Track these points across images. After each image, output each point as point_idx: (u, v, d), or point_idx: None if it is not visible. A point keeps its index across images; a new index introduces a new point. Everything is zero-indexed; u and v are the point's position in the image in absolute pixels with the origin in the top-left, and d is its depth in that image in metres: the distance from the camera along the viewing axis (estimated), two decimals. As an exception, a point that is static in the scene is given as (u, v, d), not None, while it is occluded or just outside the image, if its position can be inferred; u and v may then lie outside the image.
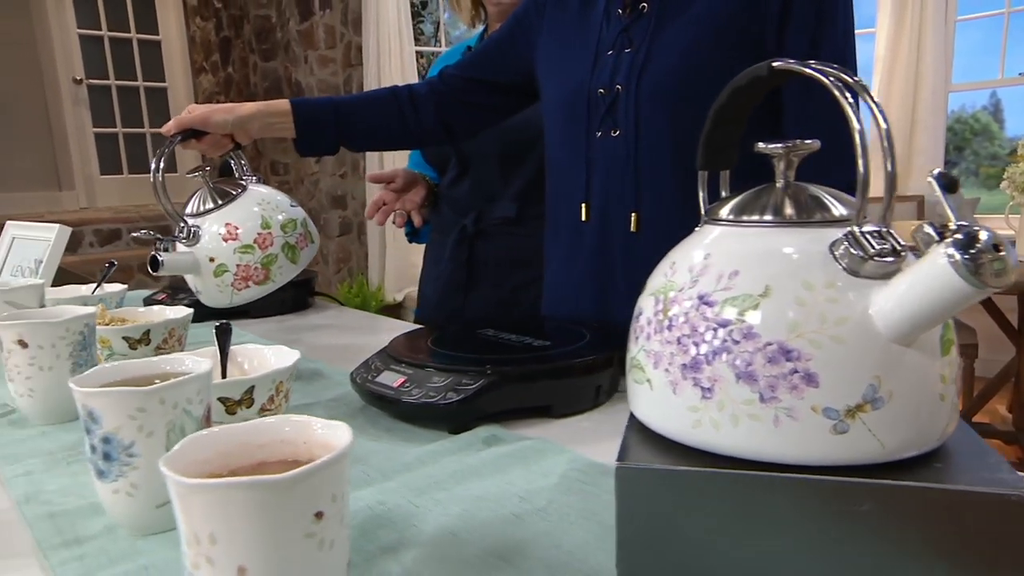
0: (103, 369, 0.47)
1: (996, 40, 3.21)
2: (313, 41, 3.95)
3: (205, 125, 0.86)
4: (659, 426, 0.36)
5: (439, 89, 0.97)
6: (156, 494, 0.43)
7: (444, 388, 0.60)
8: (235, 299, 0.84)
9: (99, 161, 4.60)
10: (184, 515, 0.28)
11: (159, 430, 0.43)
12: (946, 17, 3.08)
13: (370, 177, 1.24)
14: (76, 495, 0.50)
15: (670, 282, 0.36)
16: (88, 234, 3.78)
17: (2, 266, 1.21)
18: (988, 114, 3.88)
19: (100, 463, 0.43)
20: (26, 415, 0.66)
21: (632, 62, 0.75)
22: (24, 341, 0.63)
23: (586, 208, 0.81)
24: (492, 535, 0.43)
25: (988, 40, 3.28)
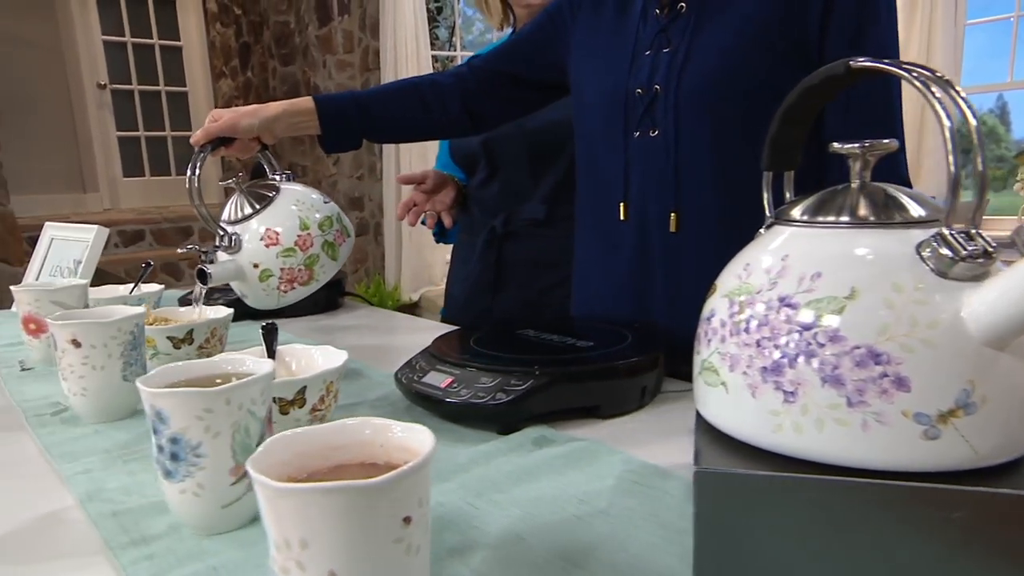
0: (166, 369, 0.48)
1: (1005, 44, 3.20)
2: (332, 46, 3.99)
3: (232, 132, 0.87)
4: (734, 429, 0.36)
5: (467, 79, 0.97)
6: (222, 494, 0.44)
7: (493, 389, 0.60)
8: (281, 301, 0.85)
9: (122, 164, 4.66)
10: (274, 519, 0.28)
11: (225, 431, 0.43)
12: (956, 20, 3.05)
13: (400, 178, 1.25)
14: (137, 494, 0.51)
15: (745, 284, 0.36)
16: (113, 235, 3.83)
17: (41, 266, 1.23)
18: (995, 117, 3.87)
19: (167, 463, 0.43)
20: (78, 413, 0.67)
21: (671, 62, 0.75)
22: (78, 341, 0.64)
23: (624, 208, 0.81)
24: (557, 538, 0.43)
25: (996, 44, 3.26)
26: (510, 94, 0.97)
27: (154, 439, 0.44)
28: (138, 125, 4.75)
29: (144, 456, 0.58)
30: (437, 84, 0.98)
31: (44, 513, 0.49)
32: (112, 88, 4.57)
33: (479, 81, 0.97)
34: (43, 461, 0.59)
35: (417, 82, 0.99)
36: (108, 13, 4.55)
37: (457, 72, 0.99)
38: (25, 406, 0.71)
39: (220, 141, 0.88)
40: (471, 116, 0.98)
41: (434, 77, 1.00)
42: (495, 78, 0.96)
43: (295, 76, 4.19)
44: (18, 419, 0.69)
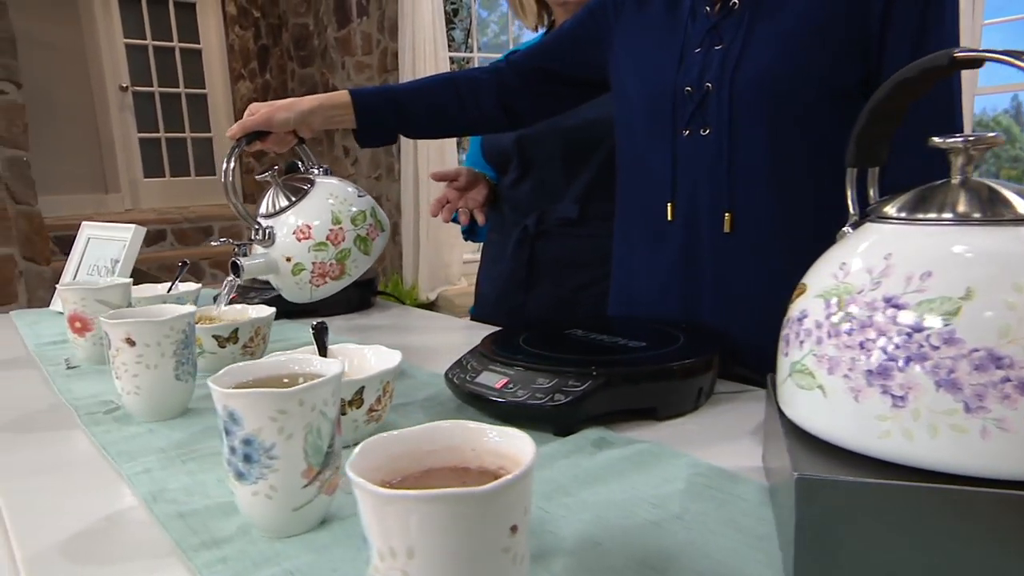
0: (233, 369, 0.47)
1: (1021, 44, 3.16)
2: (350, 48, 4.00)
3: (268, 125, 0.87)
4: (833, 435, 0.35)
5: (504, 74, 0.96)
6: (294, 497, 0.43)
7: (550, 389, 0.59)
8: (314, 295, 0.85)
9: (143, 165, 4.71)
10: (379, 527, 0.28)
11: (298, 432, 0.42)
12: (972, 20, 3.01)
13: (433, 175, 1.25)
14: (200, 494, 0.50)
15: (844, 284, 0.35)
16: (135, 236, 3.85)
17: (78, 265, 1.24)
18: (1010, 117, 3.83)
19: (240, 465, 0.43)
20: (131, 412, 0.67)
21: (723, 59, 0.73)
22: (132, 339, 0.64)
23: (672, 208, 0.79)
24: (635, 543, 0.42)
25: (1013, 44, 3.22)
26: (548, 90, 0.97)
27: (225, 440, 0.43)
28: (158, 127, 4.81)
29: (202, 456, 0.58)
30: (473, 79, 0.97)
31: (110, 513, 0.49)
32: (133, 90, 4.62)
33: (517, 77, 0.96)
34: (100, 460, 0.59)
35: (453, 77, 0.99)
36: (130, 16, 4.60)
37: (494, 67, 0.98)
38: (76, 404, 0.71)
39: (256, 135, 0.88)
40: (507, 112, 0.98)
41: (470, 72, 0.99)
42: (533, 74, 0.96)
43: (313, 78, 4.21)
44: (68, 417, 0.69)
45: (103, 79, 4.54)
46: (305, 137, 0.93)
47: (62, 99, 4.33)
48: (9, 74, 2.78)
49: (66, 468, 0.57)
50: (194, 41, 4.96)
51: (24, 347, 0.99)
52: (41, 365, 0.87)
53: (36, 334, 1.04)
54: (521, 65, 0.96)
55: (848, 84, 0.69)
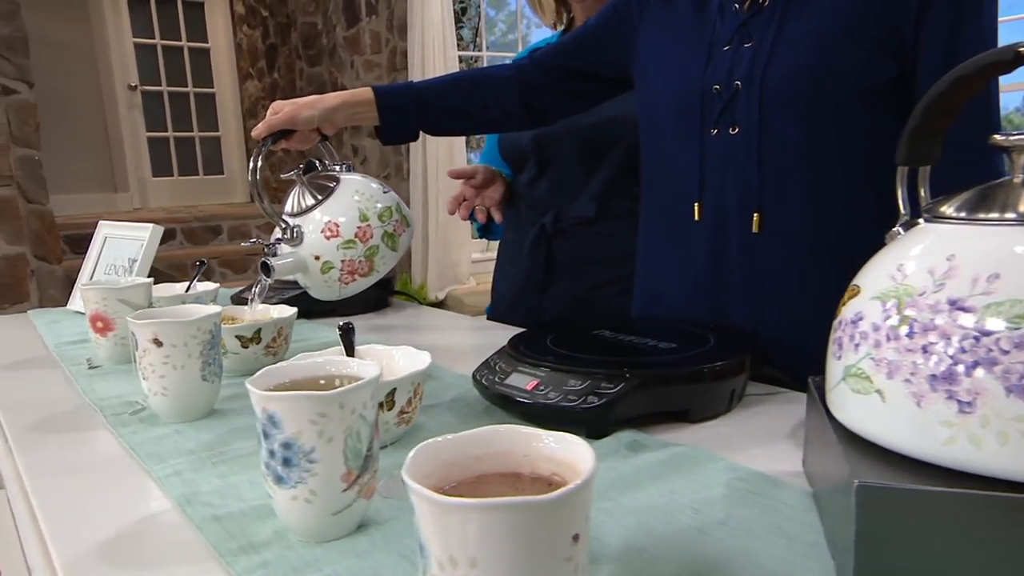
0: (271, 370, 0.47)
1: None
2: (359, 47, 4.00)
3: (293, 124, 0.87)
4: (891, 440, 0.34)
5: (527, 72, 0.96)
6: (333, 501, 0.42)
7: (583, 391, 0.58)
8: (343, 292, 0.84)
9: (151, 164, 4.73)
10: (439, 536, 0.27)
11: (338, 436, 0.42)
12: None
13: (451, 173, 1.25)
14: (234, 497, 0.50)
15: (903, 286, 0.34)
16: (144, 235, 3.87)
17: (95, 264, 1.24)
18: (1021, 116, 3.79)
19: (279, 469, 0.42)
20: (157, 413, 0.67)
21: (753, 58, 0.72)
22: (159, 340, 0.64)
23: (699, 208, 0.79)
24: (682, 551, 0.41)
25: None
26: (571, 88, 0.96)
27: (264, 444, 0.43)
28: (167, 126, 4.82)
29: (232, 458, 0.57)
30: (495, 77, 0.97)
31: (144, 516, 0.48)
32: (142, 89, 4.64)
33: (540, 74, 0.95)
34: (129, 461, 0.58)
35: (475, 74, 0.98)
36: (139, 16, 4.61)
37: (517, 65, 0.98)
38: (101, 405, 0.71)
39: (280, 133, 0.88)
40: (529, 110, 0.97)
41: (493, 70, 0.98)
42: (556, 72, 0.95)
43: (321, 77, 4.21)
44: (93, 418, 0.69)
45: (112, 78, 4.56)
46: (328, 134, 0.92)
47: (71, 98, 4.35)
48: (21, 73, 2.79)
49: (95, 469, 0.57)
50: (202, 40, 4.97)
51: (44, 346, 0.99)
52: (63, 365, 0.87)
53: (55, 333, 1.04)
54: (544, 63, 0.95)
55: (880, 82, 0.68)
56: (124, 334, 0.86)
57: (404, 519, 0.46)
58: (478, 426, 0.62)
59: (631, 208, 1.18)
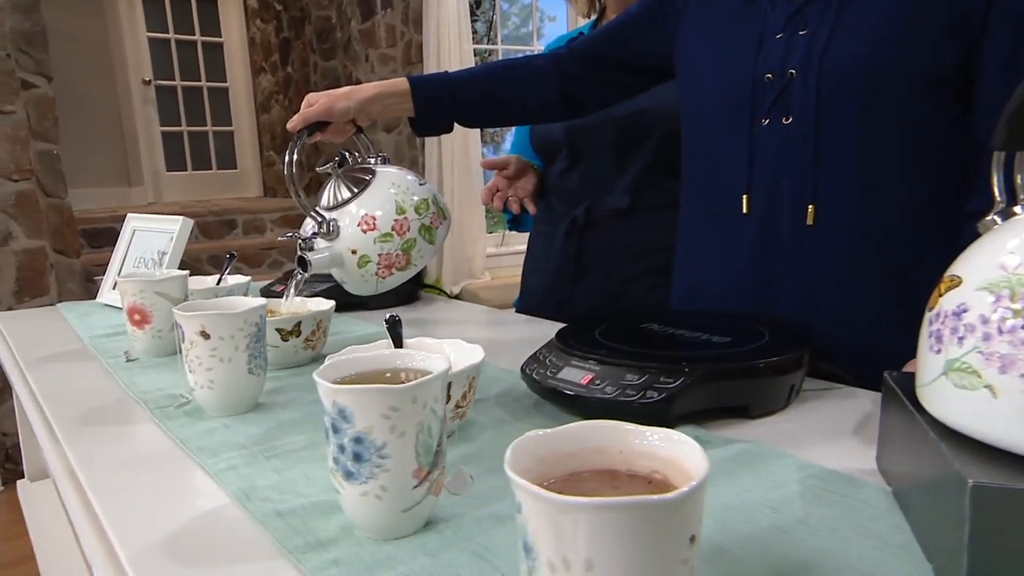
0: (336, 363, 0.46)
1: None
2: (374, 40, 3.99)
3: (328, 115, 0.85)
4: (1004, 439, 0.32)
5: (566, 61, 0.94)
6: (404, 498, 0.41)
7: (642, 386, 0.57)
8: (380, 287, 0.83)
9: (165, 158, 4.74)
10: (552, 537, 0.26)
11: (410, 430, 0.41)
12: None
13: (483, 163, 1.24)
14: (292, 493, 0.49)
15: (1017, 275, 0.32)
16: (160, 230, 3.88)
17: (124, 258, 1.23)
18: None
19: (349, 464, 0.41)
20: (203, 406, 0.66)
21: (809, 45, 0.70)
22: (206, 332, 0.63)
23: (747, 200, 0.77)
24: (765, 550, 0.40)
25: None
26: (611, 78, 0.94)
27: (333, 438, 0.41)
28: (180, 120, 4.83)
29: (284, 452, 0.56)
30: (532, 66, 0.95)
31: (203, 511, 0.48)
32: (156, 84, 4.64)
33: (579, 64, 0.94)
34: (180, 455, 0.57)
35: (511, 64, 0.96)
36: (153, 10, 4.62)
37: (554, 54, 0.96)
38: (144, 399, 0.70)
39: (316, 126, 0.86)
40: (567, 100, 0.95)
41: (529, 59, 0.97)
42: (596, 61, 0.93)
43: (336, 71, 4.20)
44: (136, 411, 0.68)
45: (127, 73, 4.57)
46: (363, 126, 0.91)
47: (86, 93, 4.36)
48: (40, 68, 2.80)
49: (147, 463, 0.56)
50: (216, 34, 4.97)
51: (78, 339, 0.98)
52: (100, 358, 0.87)
53: (88, 326, 1.04)
54: (583, 52, 0.93)
55: (944, 69, 0.66)
56: (161, 327, 0.86)
57: (472, 516, 0.45)
58: (530, 421, 0.62)
59: (664, 200, 1.17)
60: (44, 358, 0.88)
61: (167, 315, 0.86)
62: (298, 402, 0.69)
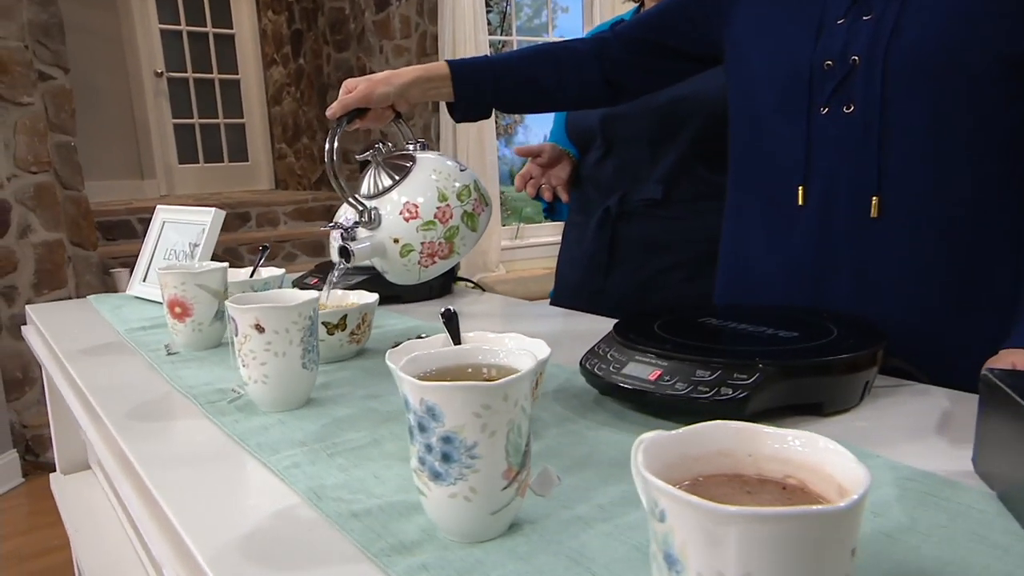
0: (417, 358, 0.44)
1: None
2: (389, 31, 3.96)
3: (368, 101, 0.83)
4: None
5: (610, 46, 0.91)
6: (493, 499, 0.40)
7: (715, 382, 0.55)
8: (423, 276, 0.81)
9: (177, 151, 4.73)
10: (706, 548, 0.24)
11: (501, 429, 0.39)
12: None
13: (518, 151, 1.22)
14: (363, 492, 0.47)
15: None
16: (175, 222, 3.88)
17: (154, 250, 1.22)
18: None
19: (438, 465, 0.39)
20: (256, 401, 0.64)
21: (875, 31, 0.68)
22: (261, 326, 0.61)
23: (803, 191, 0.74)
24: (879, 558, 0.38)
25: None
26: (654, 64, 0.92)
27: (419, 437, 0.40)
28: (192, 112, 4.82)
29: (346, 450, 0.55)
30: (574, 50, 0.92)
31: (274, 510, 0.46)
32: (168, 76, 4.63)
33: (623, 48, 0.91)
34: (239, 452, 0.56)
35: (553, 48, 0.94)
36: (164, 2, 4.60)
37: (597, 38, 0.93)
38: (193, 393, 0.69)
39: (355, 112, 0.84)
40: (609, 86, 0.93)
41: (571, 43, 0.94)
42: (640, 46, 0.91)
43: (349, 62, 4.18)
44: (186, 405, 0.66)
45: (139, 65, 4.56)
46: (402, 111, 0.89)
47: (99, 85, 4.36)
48: (57, 59, 2.79)
49: (207, 460, 0.55)
50: (227, 26, 4.96)
51: (113, 332, 0.97)
52: (141, 351, 0.85)
53: (122, 319, 1.03)
54: (630, 37, 0.91)
55: (1020, 52, 0.63)
56: (202, 319, 0.84)
57: (556, 518, 0.43)
58: (593, 417, 0.60)
59: (698, 191, 1.15)
60: (84, 351, 0.87)
61: (208, 308, 0.84)
62: (349, 397, 0.67)
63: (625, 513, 0.43)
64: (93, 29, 4.31)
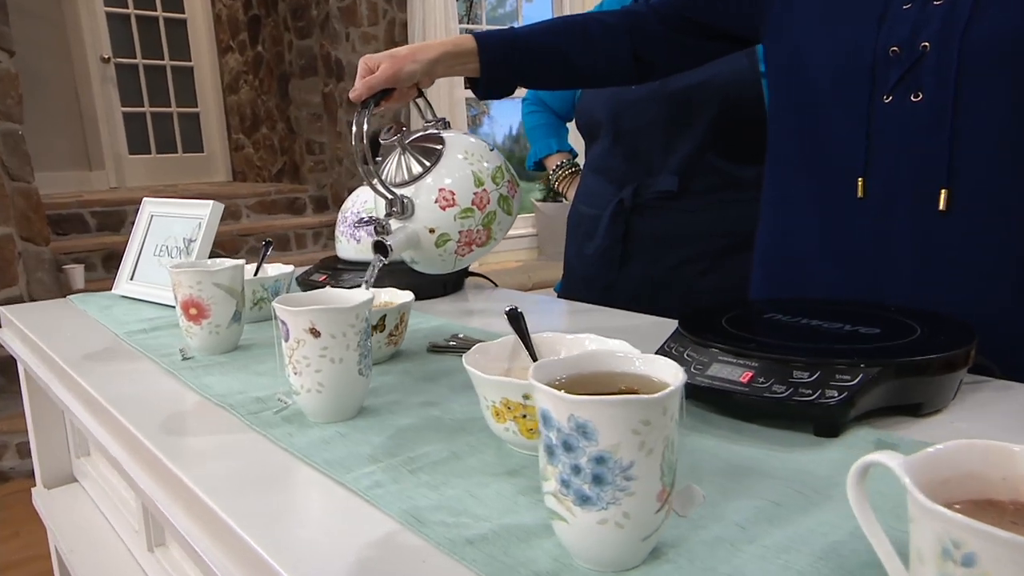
0: (543, 365, 0.39)
1: None
2: (355, 18, 3.84)
3: (395, 81, 0.78)
4: None
5: (643, 20, 0.87)
6: (646, 524, 0.36)
7: (816, 384, 0.52)
8: (457, 265, 0.77)
9: (127, 140, 4.50)
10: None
11: (658, 447, 0.35)
12: None
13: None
14: (466, 515, 0.43)
15: None
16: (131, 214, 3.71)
17: (142, 245, 1.13)
18: None
19: (587, 489, 0.35)
20: (307, 412, 0.59)
21: (948, 16, 0.66)
22: (316, 330, 0.55)
23: (863, 183, 0.72)
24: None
25: None
26: (688, 42, 0.88)
27: (564, 457, 0.35)
28: (143, 101, 4.59)
29: (426, 466, 0.50)
30: (603, 23, 0.88)
31: (374, 538, 0.41)
32: (116, 62, 4.40)
33: (659, 23, 0.87)
34: (305, 469, 0.50)
35: (581, 20, 0.89)
36: (111, -16, 4.36)
37: (628, 11, 0.89)
38: (225, 403, 0.63)
39: (380, 93, 0.79)
40: (639, 63, 0.89)
41: (600, 16, 0.89)
42: (675, 22, 0.87)
43: (312, 50, 4.04)
44: (224, 417, 0.60)
45: (84, 50, 4.31)
46: (425, 89, 0.83)
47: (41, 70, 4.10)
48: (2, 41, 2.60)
49: (276, 482, 0.49)
50: (179, 10, 4.74)
51: (111, 335, 0.89)
52: (152, 357, 0.78)
53: (117, 321, 0.94)
54: (664, 13, 0.86)
55: None
56: (220, 321, 0.77)
57: (696, 539, 0.39)
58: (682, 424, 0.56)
59: (715, 183, 1.12)
60: (87, 357, 0.79)
61: (226, 309, 0.77)
62: (405, 405, 0.62)
63: (767, 533, 0.40)
64: (33, 11, 4.05)
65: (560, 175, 1.39)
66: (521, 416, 0.49)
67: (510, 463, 0.50)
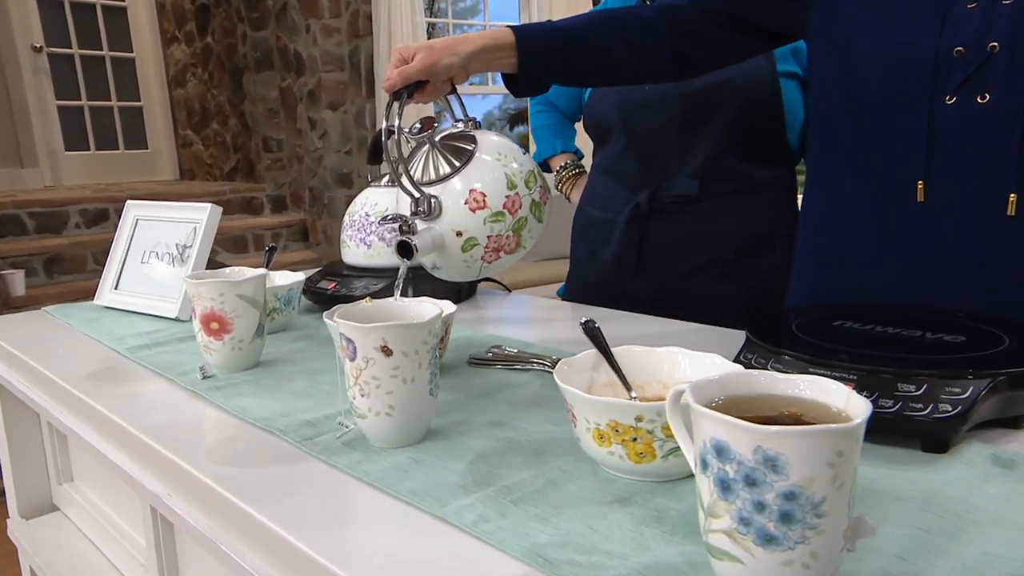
0: (699, 386, 0.36)
1: None
2: (316, 9, 3.72)
3: (431, 73, 0.74)
4: None
5: (684, 14, 0.84)
6: (831, 564, 0.33)
7: (926, 398, 0.50)
8: (483, 272, 0.73)
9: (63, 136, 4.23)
10: None
11: (848, 480, 0.32)
12: None
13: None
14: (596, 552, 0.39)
15: None
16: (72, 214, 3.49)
17: (127, 252, 1.04)
18: None
19: (772, 527, 0.32)
20: (370, 436, 0.53)
21: (1018, 16, 0.65)
22: (388, 348, 0.50)
23: (923, 187, 0.71)
24: None
25: None
26: (732, 39, 0.85)
27: (746, 493, 0.32)
28: (80, 94, 4.33)
29: (528, 495, 0.45)
30: (643, 18, 0.84)
31: (507, 588, 0.37)
32: (49, 52, 4.13)
33: (701, 18, 0.84)
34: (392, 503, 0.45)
35: (621, 15, 0.85)
36: (41, -32, 4.10)
37: (670, 5, 0.85)
38: (271, 428, 0.57)
39: (414, 85, 0.74)
40: (678, 59, 0.86)
41: (637, 10, 0.86)
42: (721, 18, 0.84)
43: (268, 42, 3.89)
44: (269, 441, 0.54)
45: (12, 37, 4.02)
46: (459, 84, 0.79)
47: (-34, 59, 3.82)
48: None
49: (367, 518, 0.44)
50: (117, -2, 4.49)
51: (109, 352, 0.80)
52: (168, 376, 0.70)
53: (111, 335, 0.86)
54: (707, 7, 0.84)
55: None
56: (243, 336, 0.71)
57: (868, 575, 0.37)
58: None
59: (734, 186, 1.11)
60: (91, 376, 0.71)
61: (249, 322, 0.71)
62: (472, 425, 0.57)
63: (934, 565, 0.37)
64: (-46, -6, 3.76)
65: (564, 176, 1.35)
66: (631, 440, 0.45)
67: (615, 490, 0.46)
